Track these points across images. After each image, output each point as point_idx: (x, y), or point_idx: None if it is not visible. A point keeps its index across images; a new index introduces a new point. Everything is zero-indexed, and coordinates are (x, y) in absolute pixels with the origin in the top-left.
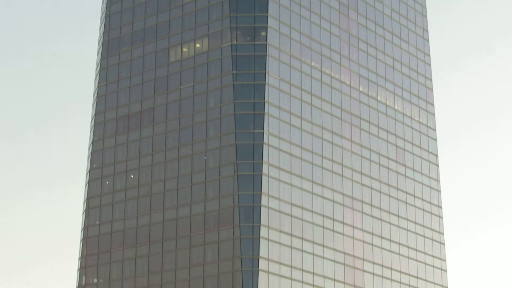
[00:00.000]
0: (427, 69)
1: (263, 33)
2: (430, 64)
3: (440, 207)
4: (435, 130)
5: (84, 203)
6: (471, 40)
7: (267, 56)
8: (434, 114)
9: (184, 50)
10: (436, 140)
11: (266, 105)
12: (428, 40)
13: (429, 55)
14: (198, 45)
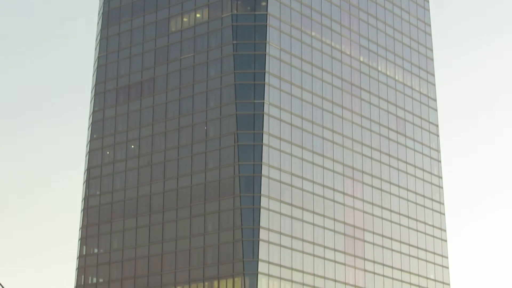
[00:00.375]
0: (428, 39)
1: (264, 3)
2: (430, 34)
3: (440, 177)
4: (435, 100)
5: (84, 173)
6: (472, 10)
7: (268, 26)
8: (434, 84)
9: (185, 20)
10: (436, 110)
11: (267, 75)
12: (428, 10)
13: (429, 25)
14: (198, 15)
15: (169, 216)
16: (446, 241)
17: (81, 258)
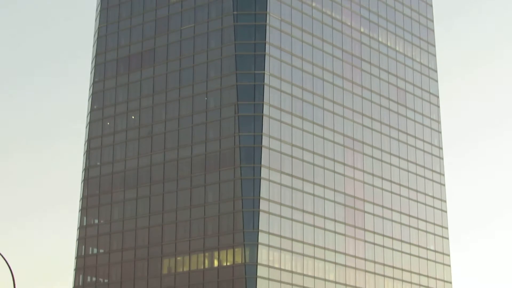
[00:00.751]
0: (429, 10)
1: None
2: (431, 5)
3: (440, 148)
4: (436, 71)
5: (85, 144)
6: None
7: None
8: (435, 55)
9: None
10: (437, 81)
11: (267, 46)
12: None
13: None
14: None
15: (169, 186)
16: (446, 211)
17: (81, 228)
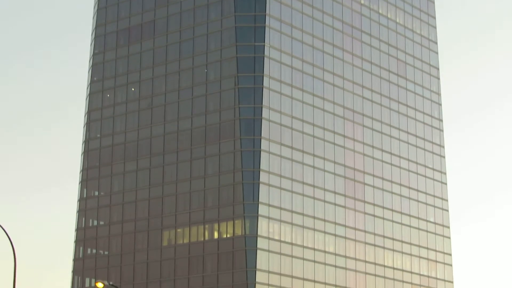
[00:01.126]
0: None
1: None
2: None
3: (440, 120)
4: (436, 43)
5: (85, 116)
6: None
7: None
8: (435, 27)
9: None
10: (437, 53)
11: (267, 17)
12: None
13: None
14: None
15: (169, 158)
16: (446, 183)
17: (81, 201)
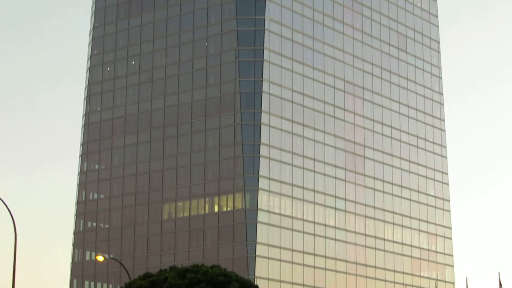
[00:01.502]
0: None
1: None
2: None
3: (441, 93)
4: (437, 17)
5: (85, 90)
6: None
7: None
8: (436, 0)
9: None
10: (437, 26)
11: None
12: None
13: None
14: None
15: (169, 132)
16: (446, 157)
17: (82, 174)
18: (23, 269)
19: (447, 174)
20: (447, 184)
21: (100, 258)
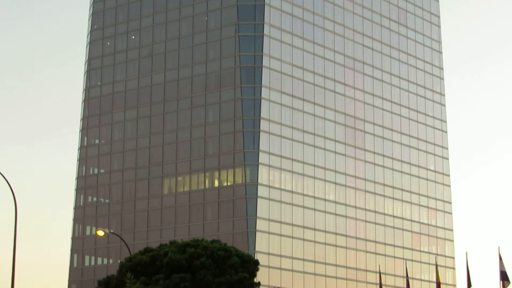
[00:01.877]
0: None
1: None
2: None
3: (441, 68)
4: None
5: (85, 64)
6: None
7: None
8: None
9: None
10: (438, 0)
11: None
12: None
13: None
14: None
15: (170, 106)
16: (446, 132)
17: (82, 149)
18: (23, 244)
19: (447, 148)
20: (447, 158)
21: (101, 233)
